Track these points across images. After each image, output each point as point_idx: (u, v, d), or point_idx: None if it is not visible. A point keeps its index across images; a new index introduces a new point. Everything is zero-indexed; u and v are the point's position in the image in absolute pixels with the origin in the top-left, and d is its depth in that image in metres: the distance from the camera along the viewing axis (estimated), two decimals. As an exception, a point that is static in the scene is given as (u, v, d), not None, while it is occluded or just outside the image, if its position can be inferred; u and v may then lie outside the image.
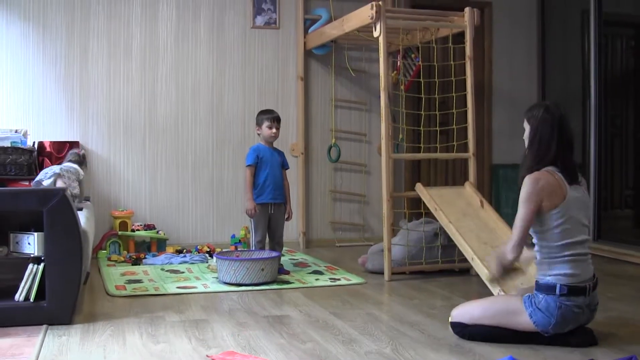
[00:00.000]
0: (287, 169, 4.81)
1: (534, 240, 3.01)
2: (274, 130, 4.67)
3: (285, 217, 4.76)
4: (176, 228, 5.81)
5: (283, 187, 4.73)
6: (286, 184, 4.79)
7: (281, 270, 4.58)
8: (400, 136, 5.89)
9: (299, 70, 6.08)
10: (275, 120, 4.69)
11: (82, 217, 3.83)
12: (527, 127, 3.04)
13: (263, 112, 4.77)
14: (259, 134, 4.77)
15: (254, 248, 4.64)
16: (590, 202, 3.09)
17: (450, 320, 3.11)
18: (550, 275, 2.90)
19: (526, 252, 3.05)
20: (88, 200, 5.19)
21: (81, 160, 5.01)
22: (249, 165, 4.63)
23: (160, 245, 5.52)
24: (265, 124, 4.67)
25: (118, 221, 5.43)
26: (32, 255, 3.33)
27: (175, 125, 5.84)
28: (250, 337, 3.10)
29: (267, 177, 4.62)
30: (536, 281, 2.97)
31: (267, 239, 4.74)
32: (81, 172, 4.91)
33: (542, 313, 2.88)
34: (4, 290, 3.37)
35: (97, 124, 5.64)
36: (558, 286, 2.87)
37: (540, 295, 2.90)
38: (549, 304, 2.87)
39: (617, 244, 5.37)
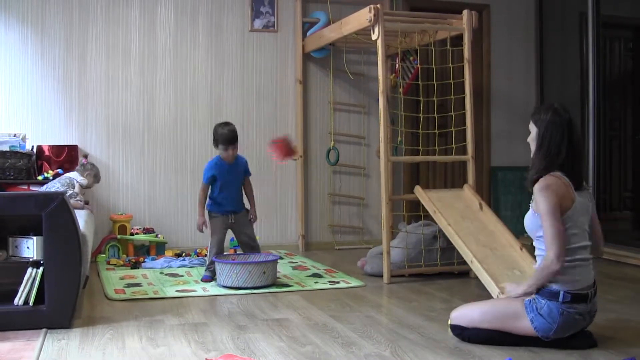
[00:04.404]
0: (249, 176, 4.66)
1: (536, 244, 2.99)
2: (229, 151, 4.46)
3: (249, 219, 4.61)
4: (175, 232, 5.81)
5: (242, 199, 4.61)
6: (249, 190, 4.65)
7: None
8: (399, 139, 5.90)
9: (297, 73, 6.09)
10: (230, 143, 4.43)
11: (81, 220, 3.83)
12: (533, 129, 2.98)
13: (218, 133, 4.46)
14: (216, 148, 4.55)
15: (207, 258, 4.57)
16: (591, 208, 3.04)
17: (449, 322, 3.11)
18: (553, 281, 2.88)
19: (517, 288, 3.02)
20: (87, 204, 5.19)
21: (80, 170, 5.14)
22: (204, 184, 4.52)
23: (159, 248, 5.52)
24: (221, 147, 4.46)
25: (117, 225, 5.43)
26: (31, 259, 3.33)
27: (174, 129, 5.84)
28: (250, 340, 3.10)
29: (223, 192, 4.52)
30: (538, 285, 2.96)
31: (240, 246, 4.70)
32: (78, 179, 5.01)
33: (544, 319, 2.87)
34: (3, 295, 3.37)
35: (96, 128, 5.64)
36: (562, 293, 2.85)
37: (543, 301, 2.88)
38: (551, 310, 2.86)
39: (616, 246, 5.37)
